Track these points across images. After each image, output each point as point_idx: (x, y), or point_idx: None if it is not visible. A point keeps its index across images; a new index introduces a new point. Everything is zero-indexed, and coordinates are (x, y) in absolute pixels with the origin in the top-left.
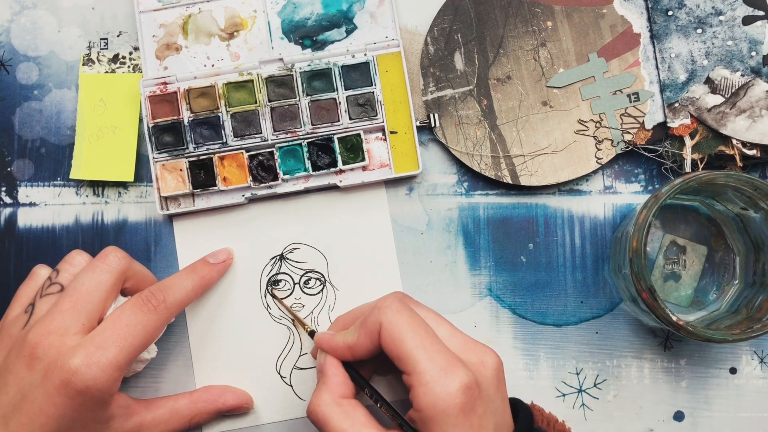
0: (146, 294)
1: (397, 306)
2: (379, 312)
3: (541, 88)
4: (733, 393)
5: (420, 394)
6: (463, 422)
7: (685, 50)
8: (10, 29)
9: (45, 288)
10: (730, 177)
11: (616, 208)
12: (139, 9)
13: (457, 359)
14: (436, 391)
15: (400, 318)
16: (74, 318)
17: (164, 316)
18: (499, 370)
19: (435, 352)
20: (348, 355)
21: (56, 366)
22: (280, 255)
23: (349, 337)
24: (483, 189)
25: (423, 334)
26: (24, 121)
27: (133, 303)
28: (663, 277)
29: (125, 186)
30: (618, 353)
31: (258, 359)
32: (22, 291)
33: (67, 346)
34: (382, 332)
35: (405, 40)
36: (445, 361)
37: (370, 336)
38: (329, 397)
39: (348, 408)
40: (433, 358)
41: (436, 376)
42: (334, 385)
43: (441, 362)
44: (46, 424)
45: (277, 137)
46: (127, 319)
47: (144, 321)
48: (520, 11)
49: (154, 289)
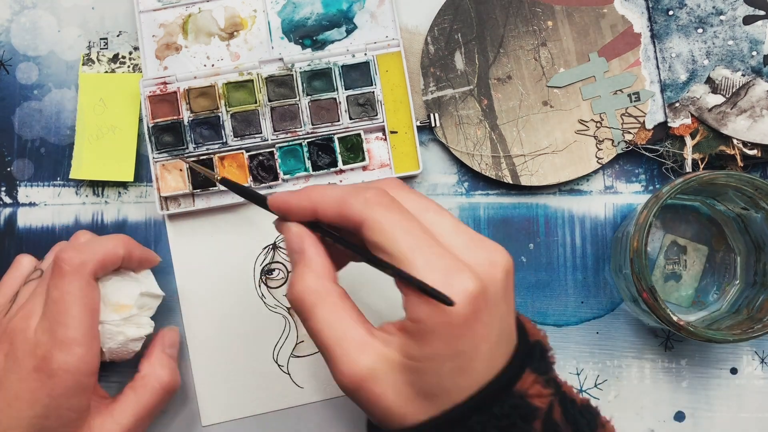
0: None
1: (386, 202)
2: (364, 205)
3: (541, 88)
4: (733, 393)
5: (416, 303)
6: (466, 333)
7: (686, 50)
8: (10, 29)
9: (29, 275)
10: (731, 177)
11: (617, 208)
12: (139, 9)
13: (461, 262)
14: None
15: (389, 216)
16: (40, 300)
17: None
18: (509, 272)
19: (433, 255)
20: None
21: (24, 352)
22: (273, 244)
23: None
24: (483, 189)
25: (418, 233)
26: (24, 121)
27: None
28: (664, 277)
29: (125, 186)
30: (619, 353)
31: (254, 349)
32: (5, 280)
33: (30, 329)
34: (366, 229)
35: (405, 40)
36: (447, 264)
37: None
38: (314, 280)
39: (336, 298)
40: (431, 263)
41: (437, 283)
42: (318, 266)
43: (442, 267)
44: (23, 409)
45: (277, 137)
46: (51, 294)
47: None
48: (521, 11)
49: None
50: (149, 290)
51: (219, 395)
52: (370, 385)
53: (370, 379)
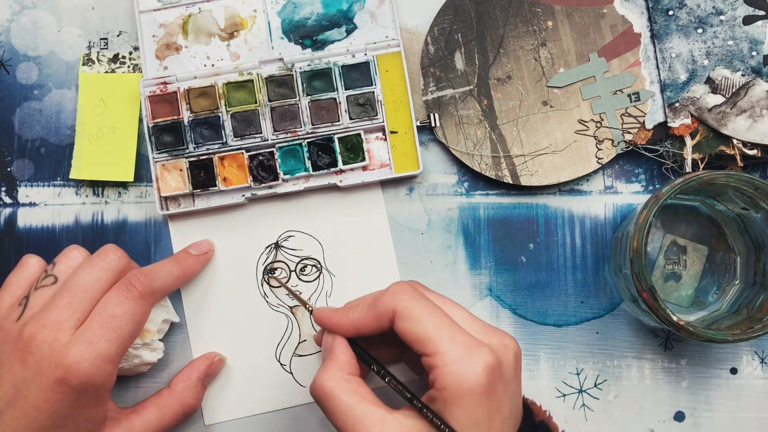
0: (127, 281)
1: (411, 292)
2: (392, 297)
3: (541, 88)
4: (733, 393)
5: (444, 374)
6: (485, 402)
7: (686, 50)
8: (10, 29)
9: (40, 280)
10: (731, 177)
11: (617, 208)
12: (139, 9)
13: (479, 341)
14: (462, 371)
15: (415, 303)
16: (70, 313)
17: (148, 302)
18: (518, 356)
19: (456, 333)
20: (351, 331)
21: (49, 362)
22: (275, 243)
23: (355, 315)
24: (483, 189)
25: (441, 317)
26: (24, 121)
27: (117, 291)
28: (663, 277)
29: (125, 186)
30: (618, 353)
31: (257, 348)
32: (12, 280)
33: (60, 342)
34: (396, 318)
35: (405, 40)
36: (468, 341)
37: (378, 317)
38: (337, 373)
39: (355, 385)
40: (455, 338)
41: (461, 356)
42: (342, 362)
43: (464, 342)
44: (39, 419)
45: (277, 137)
46: (112, 310)
47: (129, 309)
48: (521, 11)
49: (136, 274)
50: (170, 317)
51: (222, 394)
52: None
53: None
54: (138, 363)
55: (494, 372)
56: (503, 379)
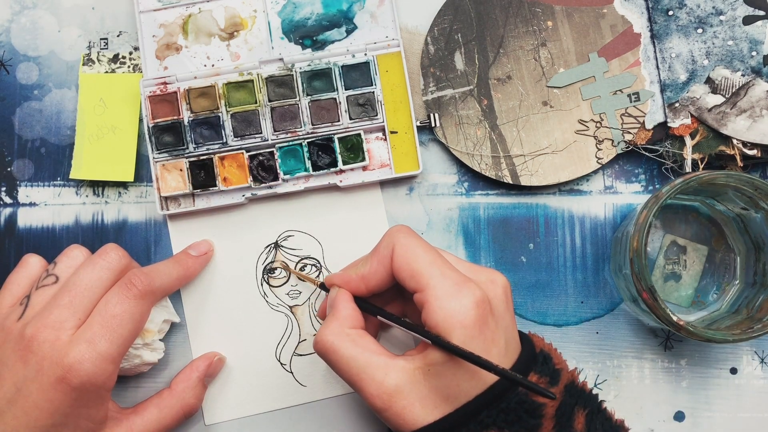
0: (128, 280)
1: (407, 230)
2: (390, 237)
3: (541, 88)
4: (733, 393)
5: (435, 308)
6: (478, 335)
7: (686, 50)
8: (10, 29)
9: (41, 280)
10: (731, 177)
11: (617, 208)
12: (139, 9)
13: (468, 277)
14: (450, 305)
15: (412, 240)
16: (71, 313)
17: (148, 301)
18: (507, 289)
19: (447, 269)
20: (362, 287)
21: (51, 361)
22: (275, 243)
23: (362, 268)
24: (483, 189)
25: (434, 254)
26: (24, 121)
27: (117, 291)
28: (663, 277)
29: (125, 186)
30: (618, 353)
31: (257, 348)
32: (13, 279)
33: (61, 341)
34: (394, 254)
35: (405, 40)
36: (457, 277)
37: (383, 262)
38: (338, 327)
39: (356, 337)
40: (445, 274)
41: (450, 290)
42: (343, 317)
43: (454, 278)
44: (41, 418)
45: (278, 137)
46: (112, 309)
47: (129, 309)
48: (521, 11)
49: (136, 273)
50: (170, 317)
51: (222, 394)
52: (398, 399)
53: (397, 394)
54: (138, 363)
55: (483, 305)
56: (494, 312)
